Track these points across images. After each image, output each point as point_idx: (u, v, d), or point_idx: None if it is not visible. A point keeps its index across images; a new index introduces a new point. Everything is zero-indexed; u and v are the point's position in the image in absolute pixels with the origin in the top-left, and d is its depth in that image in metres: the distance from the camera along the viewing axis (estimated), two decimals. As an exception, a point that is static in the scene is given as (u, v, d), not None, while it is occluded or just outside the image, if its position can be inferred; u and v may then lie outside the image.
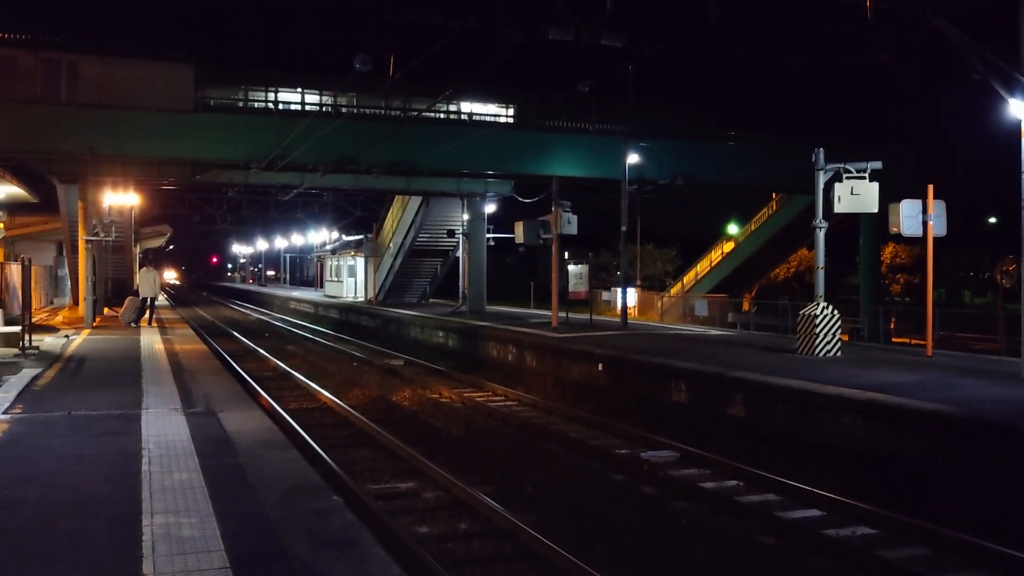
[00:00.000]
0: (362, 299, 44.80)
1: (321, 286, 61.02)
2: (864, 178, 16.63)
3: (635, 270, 41.25)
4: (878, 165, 16.69)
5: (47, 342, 19.60)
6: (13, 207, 25.36)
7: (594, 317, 27.21)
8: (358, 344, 29.34)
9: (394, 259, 39.70)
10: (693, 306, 34.38)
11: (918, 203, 16.31)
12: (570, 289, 26.17)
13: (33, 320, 19.43)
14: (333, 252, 53.03)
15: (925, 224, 16.28)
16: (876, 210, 16.96)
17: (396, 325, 32.62)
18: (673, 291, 43.72)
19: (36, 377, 13.72)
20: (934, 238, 16.50)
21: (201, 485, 7.06)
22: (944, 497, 9.75)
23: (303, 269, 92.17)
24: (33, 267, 21.57)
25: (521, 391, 18.24)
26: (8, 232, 28.22)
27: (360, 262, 46.55)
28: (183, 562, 5.26)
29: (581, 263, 26.89)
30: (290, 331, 36.91)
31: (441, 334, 27.79)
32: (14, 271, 29.27)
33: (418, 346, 28.25)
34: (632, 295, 34.03)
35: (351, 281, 48.31)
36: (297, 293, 62.19)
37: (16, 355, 16.80)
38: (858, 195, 16.63)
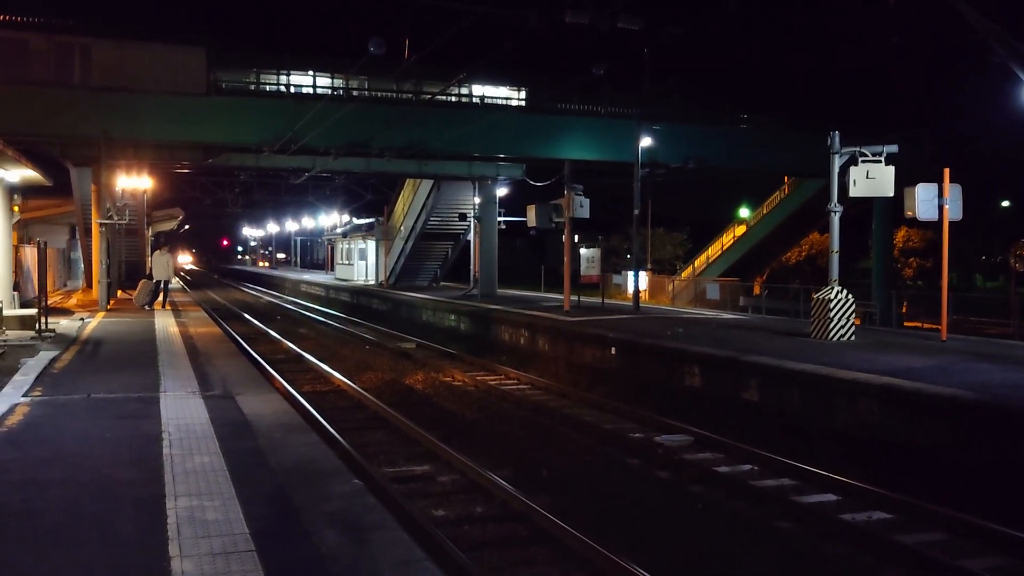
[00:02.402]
0: (373, 282, 44.88)
1: (332, 269, 61.14)
2: (880, 162, 16.54)
3: (646, 254, 41.19)
4: (894, 149, 16.59)
5: (63, 325, 19.71)
6: (27, 190, 25.46)
7: (606, 301, 27.21)
8: (370, 327, 29.41)
9: (405, 242, 39.74)
10: (704, 290, 34.39)
11: (934, 187, 16.21)
12: (582, 273, 26.16)
13: (48, 303, 19.53)
14: (344, 235, 53.12)
15: (941, 208, 16.19)
16: (892, 194, 16.88)
17: (407, 308, 32.68)
18: (684, 275, 43.68)
19: (54, 360, 13.81)
20: (950, 222, 16.43)
21: (223, 468, 7.11)
22: (961, 483, 9.75)
23: (313, 252, 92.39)
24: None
25: (534, 375, 18.28)
26: (22, 215, 28.33)
27: (371, 245, 46.61)
28: (208, 544, 5.31)
29: (593, 247, 26.87)
30: (301, 314, 37.02)
31: (453, 317, 27.85)
32: (28, 254, 29.43)
33: (430, 329, 28.31)
34: (643, 279, 34.00)
35: (362, 264, 48.40)
36: (308, 276, 62.33)
37: (33, 337, 16.94)
38: (874, 179, 16.54)
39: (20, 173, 20.38)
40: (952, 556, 7.80)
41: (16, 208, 25.05)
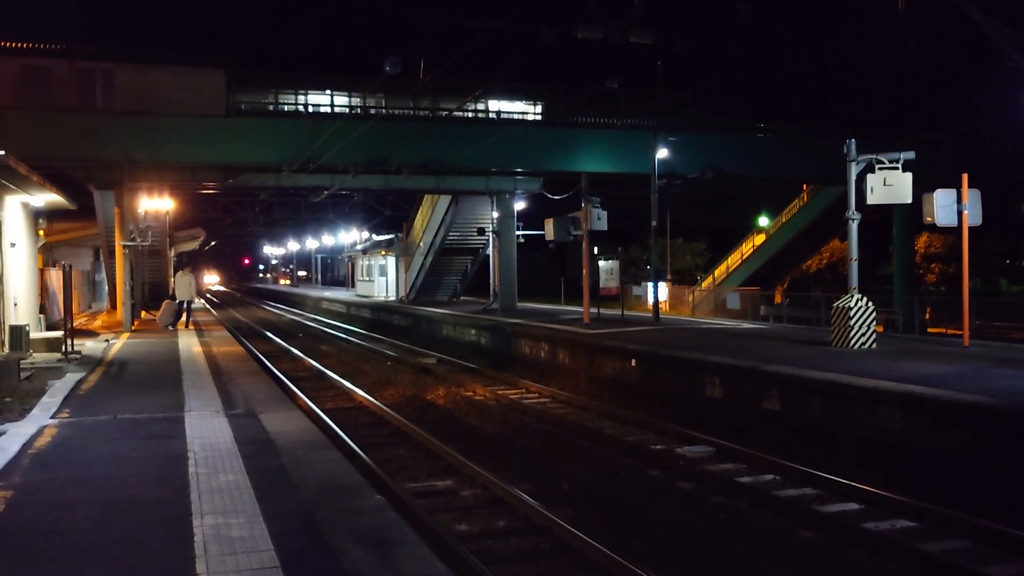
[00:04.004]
0: (393, 298, 45.08)
1: (352, 286, 61.46)
2: (897, 168, 16.50)
3: (665, 264, 41.15)
4: (911, 155, 16.55)
5: (88, 346, 19.98)
6: (51, 214, 25.84)
7: (625, 312, 27.21)
8: (391, 343, 29.55)
9: (424, 258, 39.92)
10: (725, 299, 34.30)
11: (952, 192, 16.15)
12: (601, 285, 26.17)
13: (73, 325, 19.81)
14: (364, 252, 53.40)
15: (960, 213, 16.12)
16: (910, 200, 16.82)
17: (428, 323, 32.81)
18: (704, 285, 43.59)
19: (80, 381, 14.02)
20: (969, 227, 16.35)
21: (247, 486, 7.22)
22: (984, 490, 9.70)
23: (334, 269, 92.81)
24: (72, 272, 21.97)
25: (555, 388, 18.31)
26: (47, 239, 28.75)
27: (391, 261, 46.85)
28: (235, 562, 5.41)
29: (611, 259, 26.88)
30: (323, 331, 37.23)
31: (473, 332, 27.93)
32: (54, 277, 29.83)
33: (450, 344, 28.40)
34: (663, 289, 33.95)
35: (382, 280, 48.62)
36: (329, 293, 62.66)
37: (59, 360, 17.17)
38: (891, 186, 16.51)
39: (45, 197, 20.70)
40: (977, 563, 7.77)
41: (41, 232, 25.43)
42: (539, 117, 32.49)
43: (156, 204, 28.67)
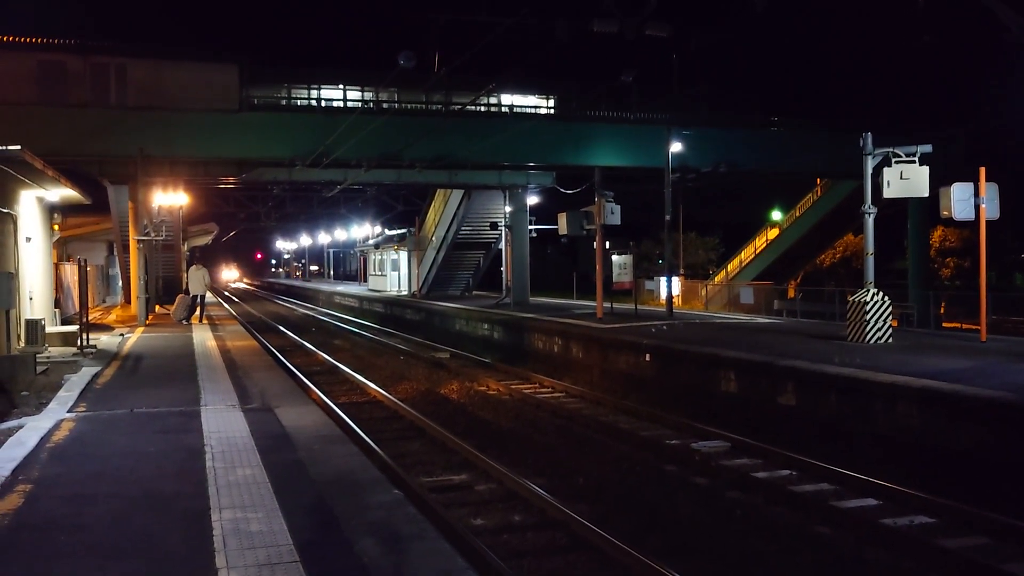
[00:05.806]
0: (406, 293, 45.11)
1: (364, 280, 61.54)
2: (914, 162, 16.39)
3: (678, 259, 41.03)
4: (928, 149, 16.43)
5: (103, 340, 20.06)
6: (66, 209, 25.95)
7: (639, 307, 27.15)
8: (403, 337, 29.55)
9: (437, 252, 39.92)
10: (738, 294, 34.18)
11: (970, 186, 16.03)
12: (614, 279, 26.10)
13: (88, 319, 19.88)
14: (376, 246, 53.46)
15: (977, 207, 16.00)
16: (927, 194, 16.70)
17: (440, 318, 32.81)
18: (717, 279, 43.46)
19: (96, 375, 14.07)
20: (987, 221, 16.22)
21: (265, 480, 7.22)
22: (1004, 485, 9.62)
23: (346, 264, 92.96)
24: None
25: (568, 383, 18.28)
26: (62, 233, 28.88)
27: (403, 256, 46.87)
28: (254, 556, 5.41)
29: (624, 253, 26.81)
30: (336, 325, 37.27)
31: (486, 326, 27.91)
32: (68, 271, 29.95)
33: (463, 339, 28.39)
34: (676, 284, 33.85)
35: (394, 275, 48.67)
36: (341, 288, 62.76)
37: (75, 354, 17.25)
38: (908, 179, 16.39)
39: (60, 192, 20.77)
40: (997, 560, 7.71)
41: (56, 227, 25.52)
42: (552, 111, 32.42)
43: (170, 199, 28.75)
